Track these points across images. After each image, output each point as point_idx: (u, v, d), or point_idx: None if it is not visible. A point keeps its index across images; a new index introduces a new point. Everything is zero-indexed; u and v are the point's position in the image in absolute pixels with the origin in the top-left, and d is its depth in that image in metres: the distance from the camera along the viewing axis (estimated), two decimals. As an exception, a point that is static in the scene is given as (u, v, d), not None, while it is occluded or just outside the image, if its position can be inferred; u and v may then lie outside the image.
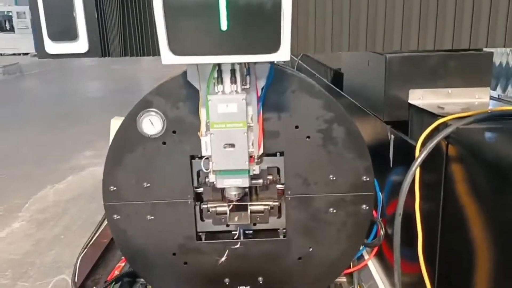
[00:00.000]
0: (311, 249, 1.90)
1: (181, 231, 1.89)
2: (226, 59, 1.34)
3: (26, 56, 24.00)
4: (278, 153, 1.81)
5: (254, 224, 1.94)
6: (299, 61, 4.57)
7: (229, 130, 1.57)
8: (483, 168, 1.23)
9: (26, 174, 6.12)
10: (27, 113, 10.32)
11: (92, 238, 2.28)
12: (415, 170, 1.41)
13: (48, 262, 3.83)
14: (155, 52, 1.67)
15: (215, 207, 1.87)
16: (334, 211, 1.84)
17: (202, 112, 1.64)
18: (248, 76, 1.59)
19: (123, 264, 2.31)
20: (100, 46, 1.66)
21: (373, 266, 2.19)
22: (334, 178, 1.81)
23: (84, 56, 1.70)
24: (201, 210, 1.89)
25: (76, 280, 2.11)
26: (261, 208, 1.87)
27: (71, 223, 4.61)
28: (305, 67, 4.27)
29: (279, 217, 1.92)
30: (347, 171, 1.80)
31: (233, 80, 1.56)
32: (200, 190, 1.90)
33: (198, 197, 1.91)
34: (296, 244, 1.89)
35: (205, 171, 1.71)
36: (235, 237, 1.93)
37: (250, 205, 1.83)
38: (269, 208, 1.88)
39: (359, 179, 1.81)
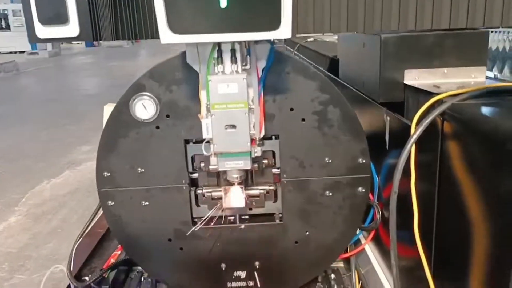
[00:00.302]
0: (307, 233, 1.88)
1: (177, 216, 1.87)
2: (226, 38, 1.31)
3: (23, 54, 23.96)
4: (273, 137, 1.80)
5: (250, 209, 1.93)
6: (295, 52, 4.56)
7: (230, 111, 1.55)
8: (479, 143, 1.21)
9: (23, 170, 6.10)
10: (25, 110, 10.28)
11: (87, 227, 2.27)
12: (410, 147, 1.39)
13: (45, 255, 3.82)
14: (147, 35, 1.66)
15: (210, 192, 1.86)
16: (330, 194, 1.83)
17: (203, 94, 1.62)
18: (248, 56, 1.57)
19: (119, 252, 2.30)
20: (91, 30, 1.64)
21: (370, 251, 2.18)
22: (330, 160, 1.79)
23: (75, 39, 1.68)
24: (196, 196, 1.88)
25: (71, 268, 2.10)
26: (256, 192, 1.86)
27: (68, 217, 4.59)
28: (301, 57, 4.25)
29: (275, 201, 1.91)
30: (343, 153, 1.79)
31: (234, 60, 1.54)
32: (195, 175, 1.89)
33: (194, 183, 1.90)
34: (292, 228, 1.88)
35: (206, 154, 1.68)
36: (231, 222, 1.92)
37: (246, 189, 1.82)
38: (265, 192, 1.87)
39: (355, 162, 1.80)
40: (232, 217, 1.94)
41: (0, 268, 3.66)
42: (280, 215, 1.90)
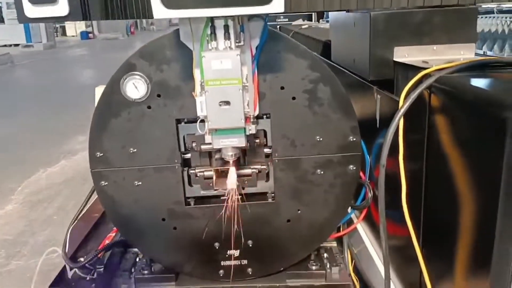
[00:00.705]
0: (299, 211, 1.90)
1: (170, 196, 1.89)
2: (218, 12, 1.31)
3: (17, 47, 23.83)
4: (264, 116, 1.81)
5: (243, 188, 1.94)
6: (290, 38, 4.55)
7: (224, 87, 1.55)
8: (464, 113, 1.23)
9: (20, 159, 6.12)
10: (21, 101, 10.27)
11: (82, 208, 2.28)
12: (398, 121, 1.41)
13: (41, 241, 3.85)
14: (138, 14, 1.65)
15: (202, 171, 1.87)
16: (321, 172, 1.85)
17: (196, 72, 1.62)
18: (242, 33, 1.57)
19: (113, 234, 2.32)
20: (81, 9, 1.63)
21: (362, 230, 2.20)
22: (321, 139, 1.81)
23: (64, 19, 1.67)
24: (189, 176, 1.89)
25: (67, 250, 2.11)
26: (249, 171, 1.87)
27: (64, 204, 4.62)
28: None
29: (267, 180, 1.92)
30: (334, 131, 1.80)
31: (227, 36, 1.53)
32: (188, 156, 1.89)
33: (186, 163, 1.91)
34: (284, 206, 1.90)
35: (201, 133, 1.69)
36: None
37: (238, 168, 1.83)
38: (257, 172, 1.88)
39: (345, 140, 1.81)
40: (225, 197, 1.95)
41: (-3, 254, 3.69)
42: (273, 194, 1.92)
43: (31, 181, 5.34)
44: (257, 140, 1.83)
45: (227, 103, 1.57)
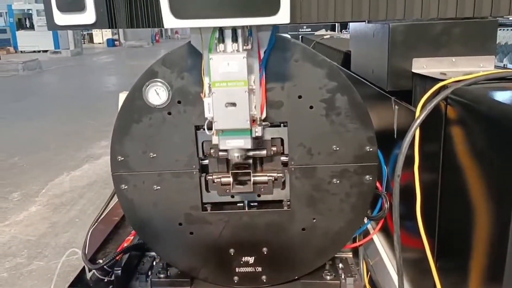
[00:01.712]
0: (314, 220, 1.91)
1: (187, 201, 1.92)
2: (226, 22, 1.36)
3: (46, 53, 24.46)
4: (282, 124, 1.83)
5: (259, 196, 1.96)
6: (309, 47, 4.57)
7: (230, 89, 1.57)
8: (481, 126, 1.22)
9: (44, 162, 6.26)
10: (47, 106, 10.53)
11: (103, 211, 2.33)
12: (414, 131, 1.41)
13: (63, 243, 3.92)
14: (160, 23, 1.70)
15: (220, 177, 1.89)
16: (338, 181, 1.85)
17: (205, 73, 1.66)
18: (250, 37, 1.60)
19: (132, 237, 2.36)
20: (107, 17, 1.69)
21: (379, 242, 2.19)
22: (337, 148, 1.81)
23: (91, 27, 1.73)
24: (206, 181, 1.92)
25: (86, 252, 2.16)
26: (265, 179, 1.89)
27: (86, 207, 4.71)
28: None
29: (283, 188, 1.94)
30: (350, 141, 1.81)
31: (235, 39, 1.57)
32: (206, 162, 1.93)
33: (204, 169, 1.94)
34: (300, 215, 1.91)
35: (208, 133, 1.72)
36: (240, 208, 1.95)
37: (254, 175, 1.85)
38: (273, 179, 1.89)
39: (362, 150, 1.82)
40: (241, 203, 1.97)
41: (20, 255, 3.77)
42: (288, 202, 1.93)
43: (54, 184, 5.47)
44: (274, 148, 1.85)
45: (233, 104, 1.59)
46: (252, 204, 1.98)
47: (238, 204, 1.98)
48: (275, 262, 1.97)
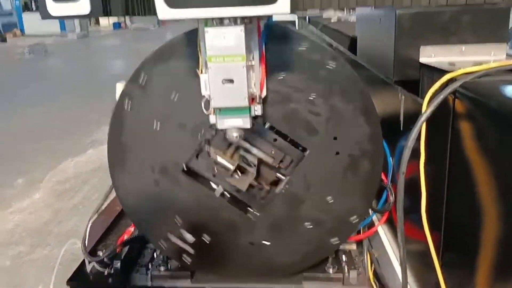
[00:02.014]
0: (265, 242, 1.85)
1: (174, 154, 1.83)
2: (222, 12, 1.28)
3: (51, 36, 24.42)
4: (300, 148, 1.77)
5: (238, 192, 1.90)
6: (319, 30, 4.52)
7: (227, 65, 1.48)
8: (491, 122, 1.16)
9: (48, 148, 6.26)
10: (51, 90, 10.51)
11: (102, 203, 2.30)
12: (420, 126, 1.35)
13: (66, 230, 3.93)
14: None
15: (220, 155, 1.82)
16: (311, 227, 1.83)
17: (202, 48, 1.56)
18: None
19: (132, 229, 2.33)
20: (102, 5, 1.63)
21: (384, 234, 2.15)
22: (332, 201, 1.79)
23: (86, 16, 1.67)
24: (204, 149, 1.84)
25: (86, 244, 2.14)
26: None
27: (90, 194, 4.70)
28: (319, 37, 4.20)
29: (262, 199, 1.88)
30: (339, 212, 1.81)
31: None
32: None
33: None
34: (257, 231, 1.85)
35: (206, 113, 1.63)
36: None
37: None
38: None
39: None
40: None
41: (23, 243, 3.78)
42: (257, 214, 1.86)
43: (58, 170, 5.46)
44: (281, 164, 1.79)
45: (231, 81, 1.50)
46: (224, 193, 1.89)
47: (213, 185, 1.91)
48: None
